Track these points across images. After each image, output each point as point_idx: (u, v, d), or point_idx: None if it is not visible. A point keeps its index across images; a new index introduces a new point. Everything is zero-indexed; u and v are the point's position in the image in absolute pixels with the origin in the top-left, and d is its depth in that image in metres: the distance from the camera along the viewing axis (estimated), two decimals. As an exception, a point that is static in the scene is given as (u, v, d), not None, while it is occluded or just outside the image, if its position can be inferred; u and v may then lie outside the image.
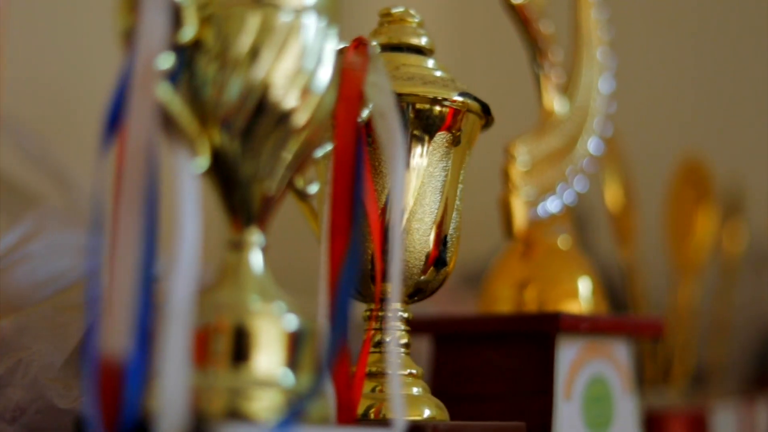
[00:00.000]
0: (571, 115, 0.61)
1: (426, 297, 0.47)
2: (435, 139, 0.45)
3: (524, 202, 0.57)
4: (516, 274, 0.58)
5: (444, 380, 0.56)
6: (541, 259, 0.58)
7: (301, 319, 0.37)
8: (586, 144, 0.62)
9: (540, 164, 0.58)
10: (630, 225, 0.71)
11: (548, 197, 0.58)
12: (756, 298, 1.10)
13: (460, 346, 0.56)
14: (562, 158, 0.60)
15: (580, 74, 0.62)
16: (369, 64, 0.41)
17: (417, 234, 0.45)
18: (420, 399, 0.46)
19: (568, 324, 0.52)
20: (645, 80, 1.12)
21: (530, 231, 0.58)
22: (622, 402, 0.58)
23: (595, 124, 0.62)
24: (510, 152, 0.57)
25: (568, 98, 0.61)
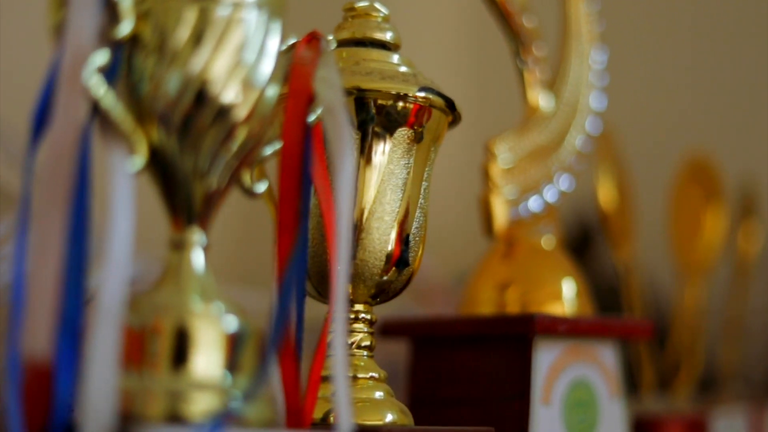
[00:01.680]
0: (557, 111, 0.60)
1: (390, 298, 0.46)
2: (396, 136, 0.44)
3: (505, 201, 0.56)
4: (497, 275, 0.57)
5: (421, 384, 0.56)
6: (523, 259, 0.57)
7: (242, 320, 0.37)
8: (574, 141, 0.61)
9: (523, 162, 0.57)
10: (626, 225, 0.70)
11: (531, 196, 0.57)
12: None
13: (438, 349, 0.55)
14: (547, 156, 0.59)
15: (569, 69, 0.61)
16: (319, 59, 0.40)
17: (377, 233, 0.44)
18: (382, 403, 0.45)
19: (544, 326, 0.51)
20: (650, 76, 1.11)
21: (512, 231, 0.57)
22: (608, 407, 0.56)
23: (585, 121, 0.61)
24: (490, 150, 0.56)
25: (555, 94, 0.60)
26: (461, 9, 1.13)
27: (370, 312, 0.46)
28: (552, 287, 0.57)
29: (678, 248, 0.81)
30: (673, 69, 1.15)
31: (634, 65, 1.15)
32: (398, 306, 0.71)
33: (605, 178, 0.68)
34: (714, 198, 0.84)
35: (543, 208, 0.58)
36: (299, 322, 0.42)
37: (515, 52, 0.59)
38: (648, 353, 0.72)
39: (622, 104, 1.13)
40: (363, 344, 0.46)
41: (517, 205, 0.57)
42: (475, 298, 0.57)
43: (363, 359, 0.46)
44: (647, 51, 1.16)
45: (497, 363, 0.53)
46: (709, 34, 1.16)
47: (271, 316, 0.37)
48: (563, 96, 0.61)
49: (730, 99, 1.12)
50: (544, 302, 0.56)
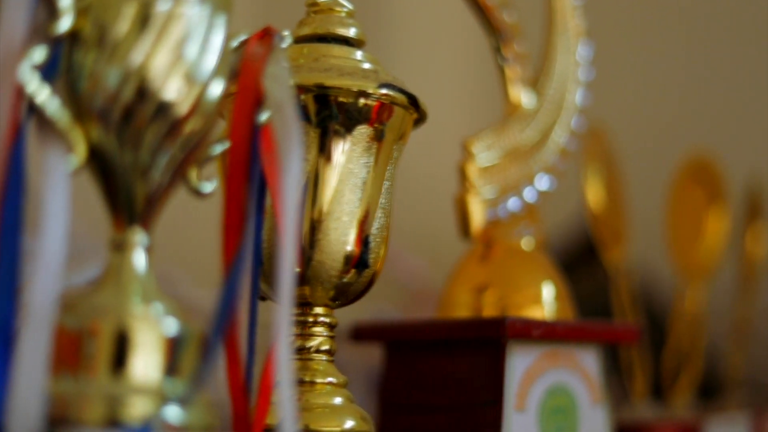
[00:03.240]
0: (540, 109, 0.59)
1: (351, 300, 0.46)
2: (355, 134, 0.44)
3: (482, 202, 0.55)
4: (474, 277, 0.56)
5: (394, 390, 0.55)
6: (501, 261, 0.56)
7: (183, 322, 0.36)
8: (558, 139, 0.60)
9: (503, 161, 0.57)
10: (617, 226, 0.69)
11: (510, 196, 0.56)
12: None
13: (411, 353, 0.55)
14: (529, 155, 0.58)
15: (554, 65, 0.61)
16: (270, 55, 0.40)
17: (334, 234, 0.44)
18: (341, 409, 0.44)
19: (517, 330, 0.50)
20: (651, 73, 1.10)
21: (490, 232, 0.56)
22: (589, 414, 0.56)
23: (570, 118, 0.61)
24: (467, 149, 0.56)
25: (538, 90, 0.60)
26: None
27: (330, 315, 0.46)
28: (531, 290, 0.56)
29: (678, 250, 0.80)
30: (675, 66, 1.14)
31: (634, 61, 1.14)
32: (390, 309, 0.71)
33: (594, 177, 0.67)
34: (716, 199, 0.83)
35: (522, 208, 0.57)
36: (252, 324, 0.41)
37: (496, 49, 0.58)
38: (641, 359, 0.71)
39: (619, 102, 1.12)
40: (322, 348, 0.45)
41: (495, 206, 0.56)
42: (452, 302, 0.56)
43: (322, 364, 0.45)
44: (646, 46, 1.15)
45: (471, 368, 0.52)
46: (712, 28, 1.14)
47: (212, 318, 0.36)
48: (547, 93, 0.60)
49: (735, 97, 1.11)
50: (522, 306, 0.56)
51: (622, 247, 0.70)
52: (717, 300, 0.99)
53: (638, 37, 1.14)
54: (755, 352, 0.99)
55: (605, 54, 0.72)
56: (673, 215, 0.80)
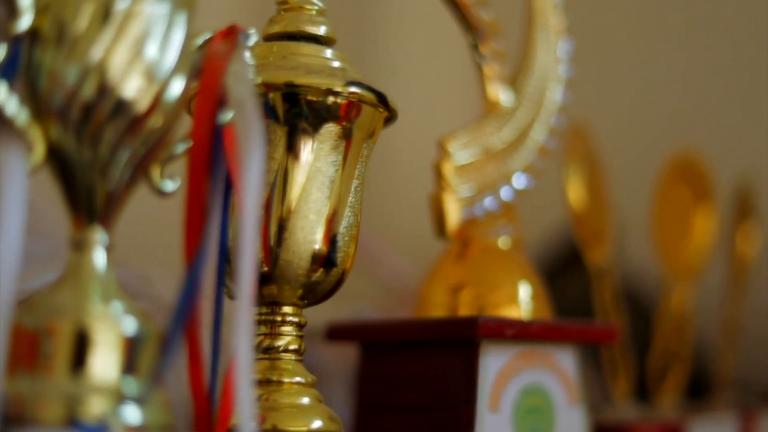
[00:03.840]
0: (519, 107, 0.59)
1: (320, 300, 0.46)
2: (323, 132, 0.44)
3: (458, 200, 0.55)
4: (450, 277, 0.56)
5: (370, 390, 0.55)
6: (477, 261, 0.56)
7: (142, 322, 0.37)
8: (538, 137, 0.60)
9: (480, 160, 0.57)
10: (599, 225, 0.69)
11: (487, 195, 0.57)
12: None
13: (386, 353, 0.55)
14: (507, 153, 0.58)
15: (533, 62, 0.61)
16: (233, 53, 0.40)
17: (301, 233, 0.44)
18: (309, 408, 0.44)
19: (490, 329, 0.50)
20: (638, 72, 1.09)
21: (467, 231, 0.56)
22: (566, 414, 0.56)
23: (550, 116, 0.61)
24: (443, 147, 0.56)
25: (517, 88, 0.60)
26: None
27: (299, 314, 0.46)
28: (507, 290, 0.56)
29: (665, 249, 0.80)
30: (662, 64, 1.14)
31: (620, 58, 1.14)
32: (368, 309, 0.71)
33: (576, 176, 0.67)
34: (704, 198, 0.83)
35: (499, 207, 0.57)
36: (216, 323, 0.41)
37: (473, 46, 0.58)
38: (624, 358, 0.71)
39: (605, 100, 1.12)
40: (290, 347, 0.45)
41: (471, 205, 0.56)
42: (428, 301, 0.56)
43: (290, 363, 0.45)
44: (632, 43, 1.15)
45: (445, 368, 0.52)
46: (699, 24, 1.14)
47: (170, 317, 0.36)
48: (526, 91, 0.60)
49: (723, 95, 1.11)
50: (499, 305, 0.56)
51: (605, 247, 0.70)
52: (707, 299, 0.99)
53: (624, 34, 1.14)
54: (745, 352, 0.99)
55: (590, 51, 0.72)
56: (660, 214, 0.80)
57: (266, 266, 0.44)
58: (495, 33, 0.58)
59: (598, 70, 1.10)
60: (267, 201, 0.44)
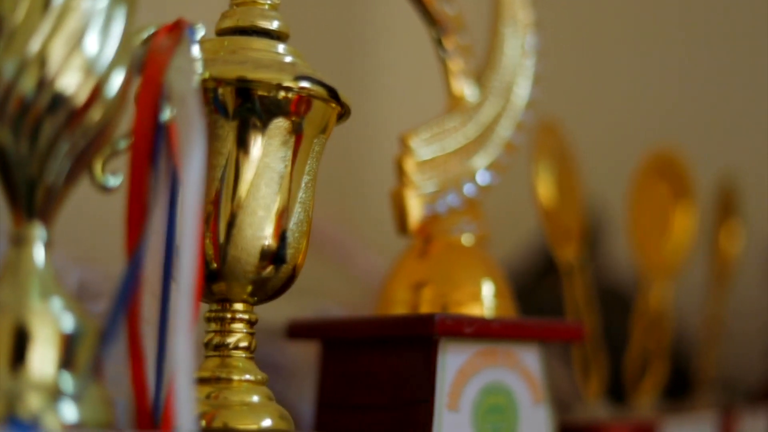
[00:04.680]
0: (485, 102, 0.60)
1: (271, 296, 0.46)
2: (271, 127, 0.44)
3: (420, 196, 0.56)
4: (412, 274, 0.56)
5: (330, 389, 0.55)
6: (439, 258, 0.56)
7: (80, 318, 0.37)
8: (505, 133, 0.60)
9: (443, 155, 0.57)
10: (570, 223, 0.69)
11: (450, 191, 0.57)
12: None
13: (347, 351, 0.55)
14: (471, 149, 0.58)
15: (500, 57, 0.61)
16: (177, 47, 0.40)
17: (250, 229, 0.44)
18: (259, 407, 0.45)
19: (447, 327, 0.50)
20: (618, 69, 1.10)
21: (429, 228, 0.56)
22: (530, 414, 0.56)
23: (518, 112, 0.61)
24: (404, 143, 0.56)
25: (483, 83, 0.60)
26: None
27: (250, 311, 0.46)
28: (470, 287, 0.56)
29: (642, 247, 0.80)
30: (643, 62, 1.14)
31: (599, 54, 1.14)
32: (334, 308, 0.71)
33: (545, 173, 0.67)
34: (683, 195, 0.83)
35: (463, 204, 0.57)
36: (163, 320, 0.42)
37: (436, 41, 0.58)
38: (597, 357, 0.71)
39: (581, 95, 1.12)
40: (241, 345, 0.46)
41: (434, 201, 0.56)
42: (390, 299, 0.56)
43: (241, 360, 0.46)
44: (611, 39, 1.15)
45: (404, 366, 0.52)
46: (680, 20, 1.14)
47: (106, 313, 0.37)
48: (492, 86, 0.60)
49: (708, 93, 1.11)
50: (462, 303, 0.56)
51: (576, 245, 0.70)
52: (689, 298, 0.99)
53: (602, 29, 1.14)
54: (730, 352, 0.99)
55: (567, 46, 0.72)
56: (638, 211, 0.80)
57: (215, 263, 0.44)
58: (459, 27, 0.58)
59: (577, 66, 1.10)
60: (216, 197, 0.44)
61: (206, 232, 0.44)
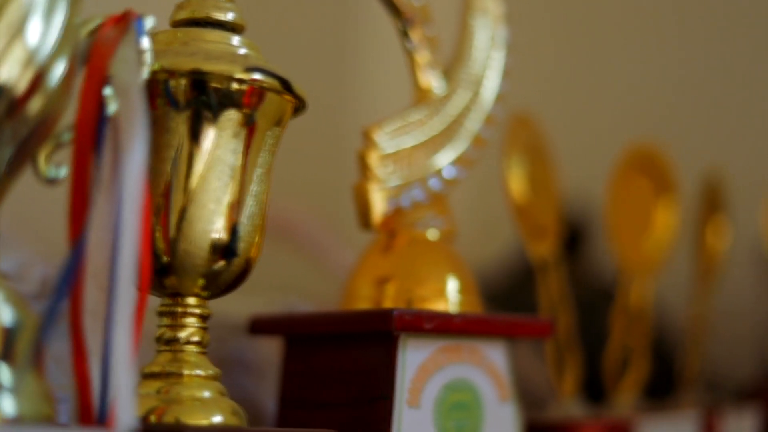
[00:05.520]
0: (453, 95, 0.60)
1: (223, 291, 0.47)
2: (222, 119, 0.45)
3: (384, 190, 0.56)
4: (376, 269, 0.56)
5: (292, 385, 0.56)
6: (404, 253, 0.57)
7: (19, 311, 0.37)
8: (474, 126, 0.60)
9: (408, 149, 0.57)
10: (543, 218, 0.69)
11: (416, 185, 0.57)
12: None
13: (309, 347, 0.55)
14: (438, 142, 0.59)
15: (469, 49, 0.61)
16: (122, 38, 0.40)
17: (200, 223, 0.44)
18: (210, 402, 0.45)
19: (405, 322, 0.51)
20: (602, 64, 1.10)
21: (394, 222, 0.57)
22: (496, 411, 0.56)
23: (488, 105, 0.61)
24: (368, 136, 0.56)
25: (451, 76, 0.60)
26: None
27: (203, 306, 0.46)
28: (435, 283, 0.56)
29: (622, 244, 0.80)
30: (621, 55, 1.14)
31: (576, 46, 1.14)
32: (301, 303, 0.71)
33: (517, 167, 0.67)
34: (665, 191, 0.83)
35: (428, 198, 0.57)
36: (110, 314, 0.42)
37: (402, 33, 0.59)
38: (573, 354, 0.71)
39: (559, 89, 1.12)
40: (193, 339, 0.46)
41: (398, 195, 0.56)
42: (354, 294, 0.57)
43: (193, 355, 0.46)
44: (593, 31, 1.15)
45: (365, 362, 0.53)
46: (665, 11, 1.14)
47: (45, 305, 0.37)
48: (460, 78, 0.60)
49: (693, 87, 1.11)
50: (428, 299, 0.56)
51: (551, 241, 0.71)
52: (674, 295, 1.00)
53: (583, 20, 1.14)
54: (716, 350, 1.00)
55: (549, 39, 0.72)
56: (618, 207, 0.80)
57: (166, 257, 0.45)
58: (425, 19, 0.59)
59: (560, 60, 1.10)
60: (166, 190, 0.45)
61: (157, 226, 0.45)
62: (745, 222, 1.02)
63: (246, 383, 0.68)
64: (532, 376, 0.78)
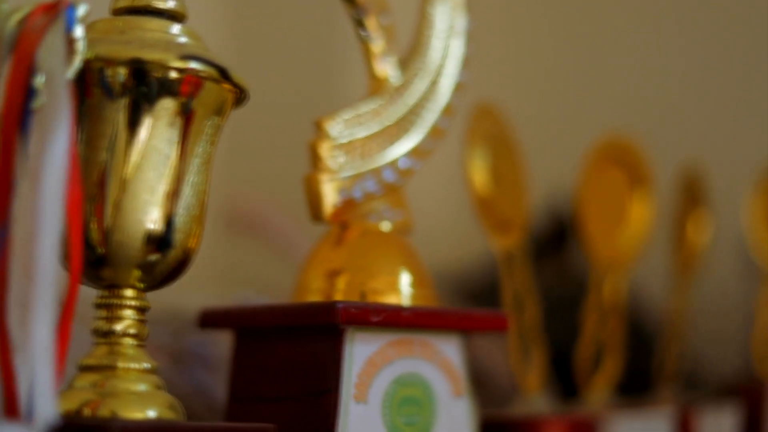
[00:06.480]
0: (409, 85, 0.60)
1: (160, 283, 0.47)
2: (157, 109, 0.45)
3: (335, 181, 0.56)
4: (328, 262, 0.57)
5: (242, 379, 0.56)
6: (356, 245, 0.57)
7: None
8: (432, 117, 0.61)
9: (362, 139, 0.57)
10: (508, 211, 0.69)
11: (369, 177, 0.57)
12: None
13: (258, 341, 0.56)
14: (394, 133, 0.59)
15: (428, 38, 0.61)
16: (51, 26, 0.41)
17: (134, 213, 0.45)
18: (146, 395, 0.46)
19: (351, 315, 0.51)
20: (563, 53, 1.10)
21: (346, 214, 0.57)
22: (449, 407, 0.57)
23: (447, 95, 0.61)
24: (320, 126, 0.57)
25: (407, 65, 0.60)
26: None
27: (140, 298, 0.47)
28: (387, 276, 0.57)
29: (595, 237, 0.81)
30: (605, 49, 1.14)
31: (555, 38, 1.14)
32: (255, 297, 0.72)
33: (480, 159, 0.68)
34: (640, 184, 0.83)
35: (381, 189, 0.58)
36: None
37: (357, 21, 0.59)
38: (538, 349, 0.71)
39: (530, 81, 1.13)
40: (129, 332, 0.46)
41: (350, 187, 0.57)
42: (306, 287, 0.57)
43: (130, 348, 0.46)
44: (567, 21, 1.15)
45: (312, 356, 0.53)
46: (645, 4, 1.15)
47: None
48: (416, 68, 0.61)
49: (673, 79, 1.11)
50: (382, 292, 0.56)
51: (517, 234, 0.71)
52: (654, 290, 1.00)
53: (558, 11, 1.14)
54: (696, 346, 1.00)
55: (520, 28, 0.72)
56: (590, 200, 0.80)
57: (101, 248, 0.45)
58: (381, 7, 0.59)
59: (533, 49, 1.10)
60: (100, 180, 0.45)
61: (92, 216, 0.45)
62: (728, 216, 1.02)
63: (204, 377, 0.68)
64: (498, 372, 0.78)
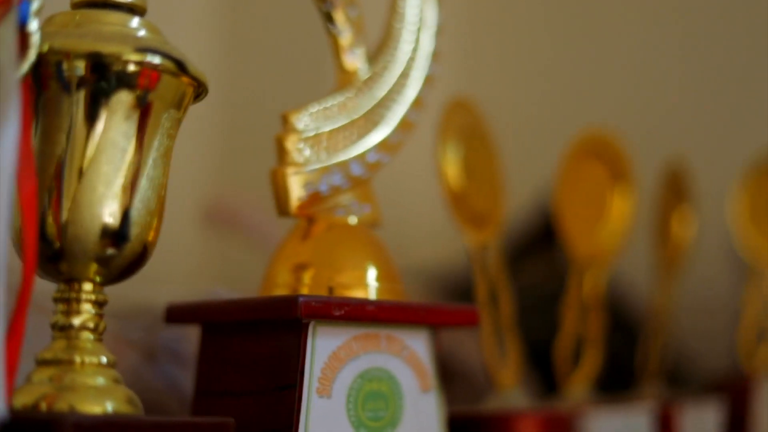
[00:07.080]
0: (378, 79, 0.60)
1: (118, 276, 0.48)
2: (113, 102, 0.46)
3: (301, 175, 0.57)
4: (294, 256, 0.57)
5: (208, 373, 0.57)
6: (322, 239, 0.57)
7: None
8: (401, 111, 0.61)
9: (329, 133, 0.58)
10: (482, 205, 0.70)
11: (336, 170, 0.58)
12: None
13: (223, 335, 0.56)
14: (362, 126, 0.59)
15: (398, 31, 0.62)
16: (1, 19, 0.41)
17: (90, 206, 0.45)
18: (104, 389, 0.46)
19: (312, 309, 0.51)
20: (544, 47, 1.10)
21: (312, 208, 0.57)
22: (417, 402, 0.57)
23: (417, 89, 0.62)
24: (286, 120, 0.57)
25: (377, 58, 0.61)
26: None
27: (98, 292, 0.47)
28: (354, 270, 0.57)
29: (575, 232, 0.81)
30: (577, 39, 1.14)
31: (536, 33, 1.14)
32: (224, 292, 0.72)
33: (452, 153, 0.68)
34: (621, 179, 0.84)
35: (349, 183, 0.58)
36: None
37: (325, 15, 0.59)
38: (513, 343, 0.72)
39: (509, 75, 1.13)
40: (88, 326, 0.47)
41: (317, 181, 0.57)
42: (272, 282, 0.57)
43: (88, 342, 0.47)
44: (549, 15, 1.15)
45: (275, 350, 0.54)
46: None
47: None
48: (386, 60, 0.61)
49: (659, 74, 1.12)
50: (349, 286, 0.57)
51: (492, 229, 0.71)
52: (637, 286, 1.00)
53: (540, 3, 1.14)
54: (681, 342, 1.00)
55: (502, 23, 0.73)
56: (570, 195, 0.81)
57: (58, 242, 0.46)
58: (349, 1, 0.59)
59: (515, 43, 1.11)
60: (57, 173, 0.45)
61: (48, 210, 0.45)
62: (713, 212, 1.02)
63: (176, 372, 0.69)
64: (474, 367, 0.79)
